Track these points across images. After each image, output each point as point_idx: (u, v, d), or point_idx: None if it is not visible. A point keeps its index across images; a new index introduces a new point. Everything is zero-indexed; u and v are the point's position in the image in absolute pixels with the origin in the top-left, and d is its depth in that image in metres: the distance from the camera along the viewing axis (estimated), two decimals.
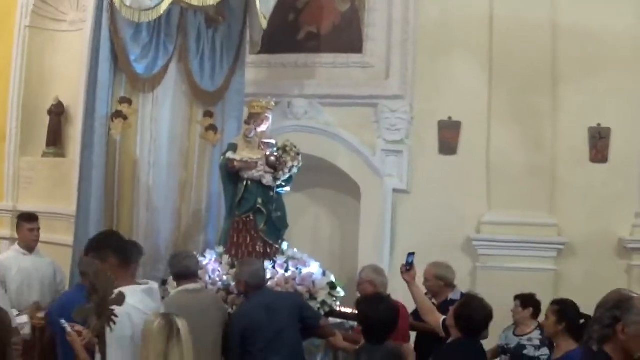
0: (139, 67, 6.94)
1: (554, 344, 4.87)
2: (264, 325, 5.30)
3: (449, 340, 4.74)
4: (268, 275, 6.18)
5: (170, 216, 7.31)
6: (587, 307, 7.47)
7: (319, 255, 7.78)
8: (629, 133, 8.02)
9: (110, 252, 4.10)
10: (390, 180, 8.18)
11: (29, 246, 6.67)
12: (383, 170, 8.20)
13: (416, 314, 5.71)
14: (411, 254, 5.28)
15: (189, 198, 7.52)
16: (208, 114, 7.63)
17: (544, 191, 7.97)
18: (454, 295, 6.20)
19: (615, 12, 7.96)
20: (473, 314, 4.60)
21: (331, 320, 6.53)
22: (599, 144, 8.04)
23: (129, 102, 6.98)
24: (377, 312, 4.55)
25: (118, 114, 6.91)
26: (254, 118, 6.97)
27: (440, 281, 6.27)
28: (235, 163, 6.72)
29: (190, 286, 5.24)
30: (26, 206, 8.34)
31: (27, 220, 6.72)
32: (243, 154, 6.76)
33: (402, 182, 8.19)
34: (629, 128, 8.01)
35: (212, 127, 7.62)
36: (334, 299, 6.69)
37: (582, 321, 4.74)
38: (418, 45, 8.22)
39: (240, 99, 7.87)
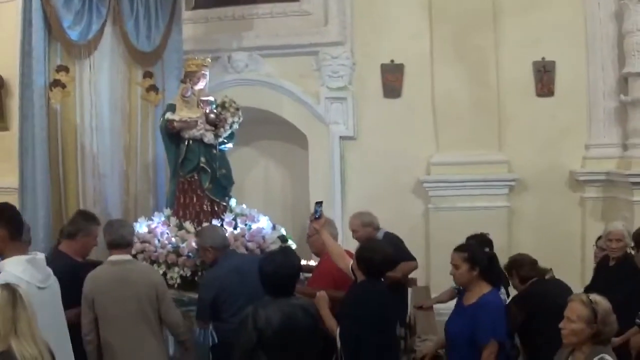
0: (73, 34, 6.78)
1: (467, 291, 4.62)
2: (236, 290, 5.14)
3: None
4: None
5: (117, 181, 7.18)
6: (543, 241, 7.58)
7: (271, 208, 7.83)
8: (574, 65, 7.96)
9: (1, 224, 3.94)
10: (336, 128, 8.09)
11: None
12: (328, 118, 8.10)
13: None
14: (319, 203, 5.26)
15: (135, 161, 7.39)
16: (148, 75, 7.48)
17: (492, 128, 7.90)
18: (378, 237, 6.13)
19: None
20: (373, 256, 4.60)
21: None
22: (544, 77, 7.99)
23: (66, 69, 6.80)
24: (276, 267, 4.31)
25: (56, 83, 6.74)
26: (190, 76, 6.81)
27: (368, 227, 6.12)
28: (175, 123, 6.61)
29: (115, 258, 5.04)
30: None
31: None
32: (182, 114, 6.63)
33: (348, 128, 8.10)
34: (573, 60, 7.96)
35: (153, 88, 7.48)
36: None
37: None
38: None
39: (178, 57, 7.69)
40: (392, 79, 8.04)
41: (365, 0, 8.09)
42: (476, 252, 4.61)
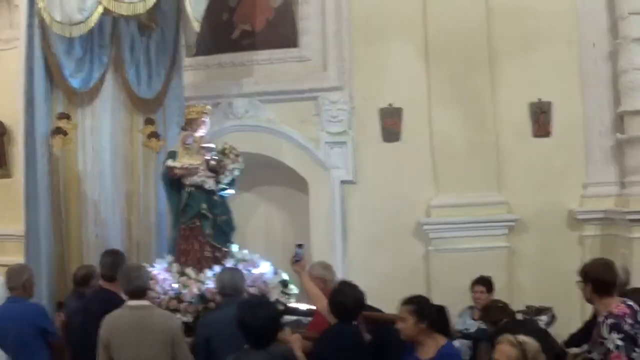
0: (75, 82, 6.90)
1: (418, 344, 4.44)
2: (231, 338, 5.01)
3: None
4: None
5: (119, 228, 7.23)
6: (543, 280, 7.63)
7: (273, 253, 7.77)
8: (570, 105, 8.06)
9: None
10: (336, 172, 8.16)
11: None
12: (328, 162, 8.18)
13: None
14: (299, 246, 5.35)
15: (137, 208, 7.45)
16: (149, 122, 7.57)
17: (490, 170, 7.98)
18: None
19: None
20: (344, 300, 4.64)
21: (287, 317, 6.48)
22: (540, 118, 8.08)
23: (67, 117, 6.91)
24: (255, 318, 4.30)
25: (58, 131, 6.84)
26: (191, 124, 6.91)
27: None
28: (176, 170, 6.67)
29: (133, 303, 5.11)
30: None
31: None
32: (183, 161, 6.69)
33: (348, 173, 8.17)
34: (569, 101, 8.05)
35: (155, 135, 7.57)
36: (287, 296, 6.65)
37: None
38: (353, 34, 8.22)
39: (180, 104, 7.81)
40: (391, 123, 8.14)
41: (363, 45, 8.19)
42: (424, 304, 4.47)
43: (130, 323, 4.96)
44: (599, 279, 4.56)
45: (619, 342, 4.26)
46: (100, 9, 6.50)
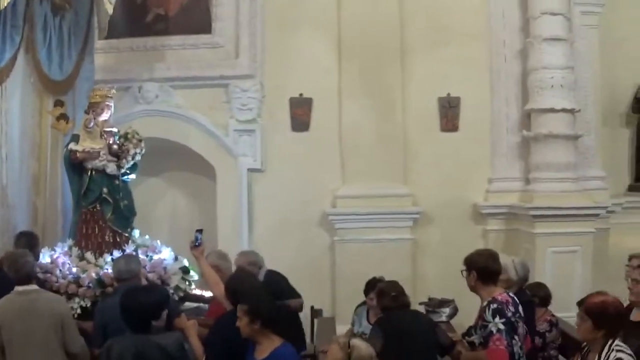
0: None
1: (256, 344, 4.39)
2: (123, 325, 5.13)
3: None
4: None
5: (26, 211, 7.10)
6: (447, 273, 7.72)
7: (178, 239, 7.64)
8: (479, 101, 8.22)
9: None
10: (244, 160, 8.15)
11: None
12: (237, 150, 8.16)
13: None
14: (199, 231, 5.37)
15: (43, 191, 7.33)
16: (59, 104, 7.42)
17: (397, 162, 8.07)
18: (260, 277, 6.10)
19: None
20: (239, 287, 4.65)
21: (187, 304, 6.47)
22: (449, 113, 8.21)
23: None
24: (135, 303, 4.34)
25: None
26: (94, 107, 6.82)
27: (253, 266, 6.14)
28: (78, 154, 6.60)
29: (21, 288, 5.04)
30: None
31: None
32: (85, 144, 6.63)
33: (256, 161, 8.17)
34: (478, 96, 8.22)
35: (63, 117, 7.40)
36: (188, 283, 6.63)
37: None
38: (266, 23, 8.22)
39: (90, 86, 7.60)
40: (301, 113, 8.16)
41: (276, 34, 8.20)
42: (260, 304, 4.36)
43: (19, 308, 4.92)
44: (484, 267, 4.65)
45: (501, 326, 4.34)
46: None
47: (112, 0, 7.22)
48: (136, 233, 6.85)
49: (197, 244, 5.30)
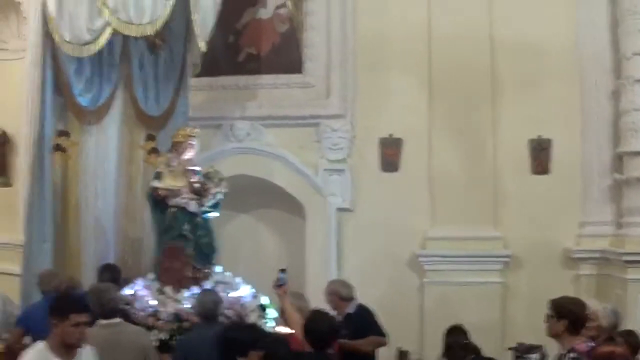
0: (84, 100, 7.01)
1: None
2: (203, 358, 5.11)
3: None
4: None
5: (117, 244, 7.29)
6: (536, 318, 7.56)
7: (265, 275, 7.64)
8: (569, 143, 8.09)
9: None
10: (333, 199, 8.17)
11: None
12: (326, 189, 8.19)
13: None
14: (282, 270, 5.39)
15: (133, 223, 7.49)
16: (150, 138, 7.63)
17: (488, 204, 7.99)
18: (350, 309, 6.21)
19: (551, 25, 8.07)
20: (317, 328, 4.64)
21: None
22: (540, 155, 8.10)
23: (66, 134, 7.04)
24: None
25: (57, 147, 6.96)
26: (177, 146, 6.97)
27: (333, 295, 6.23)
28: (160, 191, 6.74)
29: (104, 321, 5.12)
30: None
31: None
32: (167, 182, 6.77)
33: (345, 201, 8.18)
34: (569, 138, 8.09)
35: (155, 151, 7.60)
36: (265, 321, 6.64)
37: None
38: (357, 63, 8.26)
39: (184, 121, 7.75)
40: (390, 153, 8.17)
41: (367, 74, 8.22)
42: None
43: (104, 341, 4.93)
44: (578, 318, 4.56)
45: None
46: (108, 31, 6.60)
47: (206, 37, 7.29)
48: (217, 269, 6.92)
49: (280, 283, 5.32)
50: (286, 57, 8.46)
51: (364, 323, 6.11)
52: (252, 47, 8.55)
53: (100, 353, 4.85)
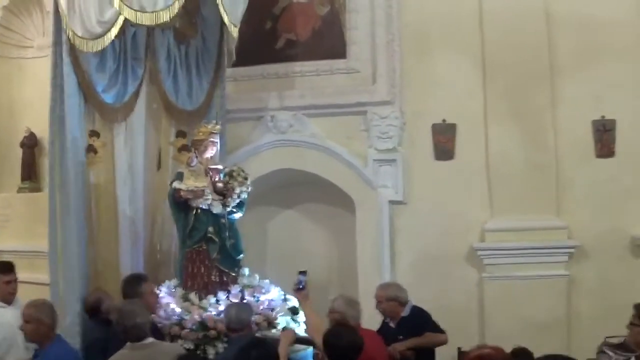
0: (108, 97, 6.70)
1: None
2: None
3: None
4: (221, 307, 6.09)
5: (148, 244, 7.08)
6: (604, 311, 7.16)
7: (315, 272, 7.43)
8: (636, 124, 7.53)
9: None
10: (385, 192, 7.72)
11: (6, 299, 6.02)
12: (376, 181, 7.74)
13: None
14: (302, 273, 5.29)
15: (161, 225, 7.25)
16: (181, 134, 7.33)
17: (550, 192, 7.49)
18: (404, 313, 6.02)
19: None
20: (337, 342, 4.55)
21: (296, 346, 6.08)
22: (604, 137, 7.57)
23: (96, 135, 6.75)
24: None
25: (89, 149, 6.69)
26: (197, 145, 6.72)
27: (392, 302, 6.01)
28: (182, 192, 6.49)
29: (138, 343, 4.84)
30: (4, 246, 7.97)
31: (1, 271, 6.08)
32: (189, 183, 6.52)
33: (397, 192, 7.72)
34: (634, 118, 7.53)
35: (186, 148, 7.26)
36: (297, 324, 6.37)
37: None
38: (404, 45, 7.77)
39: (222, 115, 7.53)
40: (444, 140, 7.69)
41: (415, 57, 7.75)
42: None
43: None
44: None
45: None
46: (120, 21, 6.27)
47: (237, 22, 6.87)
48: (245, 272, 6.68)
49: (300, 286, 5.21)
50: (328, 41, 7.98)
51: (419, 322, 5.92)
52: (291, 33, 8.08)
53: None
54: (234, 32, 6.84)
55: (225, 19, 6.65)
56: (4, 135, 8.47)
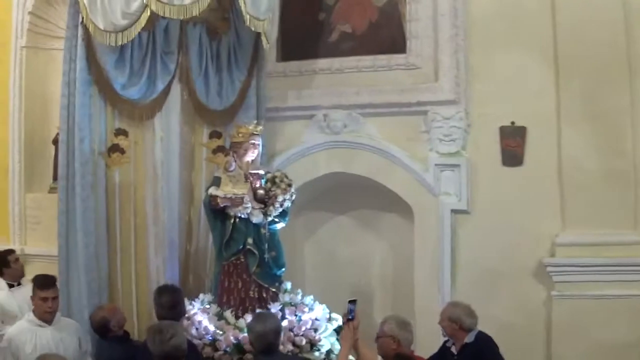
0: (133, 93, 6.45)
1: None
2: None
3: None
4: None
5: (177, 254, 6.77)
6: None
7: (369, 284, 7.53)
8: None
9: None
10: (447, 199, 7.24)
11: (44, 318, 5.55)
12: (438, 187, 7.28)
13: None
14: (352, 302, 4.96)
15: (196, 234, 7.00)
16: (215, 135, 7.09)
17: (628, 202, 6.91)
18: (468, 339, 5.58)
19: None
20: None
21: None
22: None
23: (124, 133, 6.52)
24: None
25: (114, 148, 6.44)
26: (236, 147, 6.42)
27: (453, 323, 5.62)
28: (219, 200, 6.17)
29: None
30: (35, 249, 7.89)
31: (40, 286, 5.59)
32: (226, 189, 6.22)
33: (461, 200, 7.24)
34: None
35: (221, 149, 7.05)
36: None
37: None
38: (470, 40, 7.25)
39: (261, 114, 7.24)
40: (513, 144, 7.16)
41: (482, 52, 7.22)
42: None
43: None
44: None
45: None
46: (147, 13, 5.99)
47: (260, 15, 6.46)
48: (287, 286, 6.34)
49: (350, 317, 4.91)
50: (386, 34, 7.49)
51: (482, 355, 5.47)
52: (346, 25, 7.62)
53: None
54: (258, 25, 6.48)
55: (243, 11, 6.28)
56: (37, 132, 8.29)
